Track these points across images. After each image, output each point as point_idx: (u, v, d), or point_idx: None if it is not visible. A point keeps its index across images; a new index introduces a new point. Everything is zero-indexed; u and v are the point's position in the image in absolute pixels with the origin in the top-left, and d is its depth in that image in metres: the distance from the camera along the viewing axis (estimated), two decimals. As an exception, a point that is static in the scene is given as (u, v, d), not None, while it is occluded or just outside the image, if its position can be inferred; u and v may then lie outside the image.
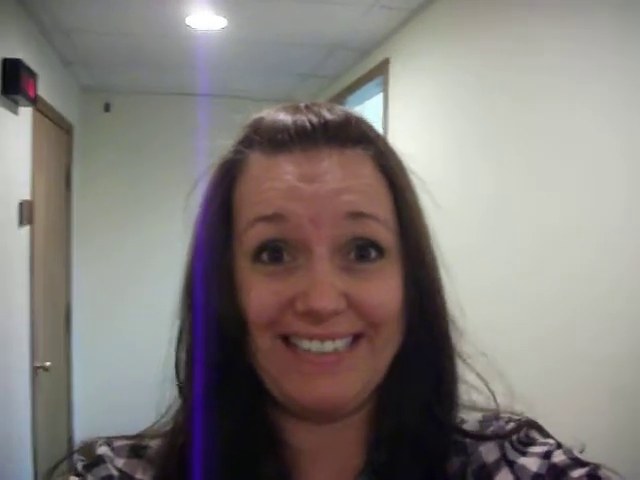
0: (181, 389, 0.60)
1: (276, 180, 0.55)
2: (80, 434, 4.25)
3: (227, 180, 0.58)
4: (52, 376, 3.55)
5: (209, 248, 0.57)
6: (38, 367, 3.26)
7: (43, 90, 3.22)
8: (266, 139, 0.57)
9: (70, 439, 4.17)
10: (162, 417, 0.62)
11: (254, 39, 3.51)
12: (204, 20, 3.19)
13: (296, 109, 0.59)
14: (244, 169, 0.57)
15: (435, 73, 2.93)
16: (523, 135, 2.16)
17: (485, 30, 2.44)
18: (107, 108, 4.69)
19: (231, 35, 3.40)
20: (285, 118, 0.57)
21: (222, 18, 3.17)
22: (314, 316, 0.52)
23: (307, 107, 0.59)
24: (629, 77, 1.66)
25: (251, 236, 0.55)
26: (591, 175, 1.80)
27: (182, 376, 0.60)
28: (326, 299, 0.52)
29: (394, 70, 3.35)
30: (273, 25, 3.29)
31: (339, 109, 0.60)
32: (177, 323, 0.61)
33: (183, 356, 0.60)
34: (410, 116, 3.15)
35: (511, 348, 2.08)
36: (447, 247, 0.63)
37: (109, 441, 0.61)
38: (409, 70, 3.19)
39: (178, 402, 0.61)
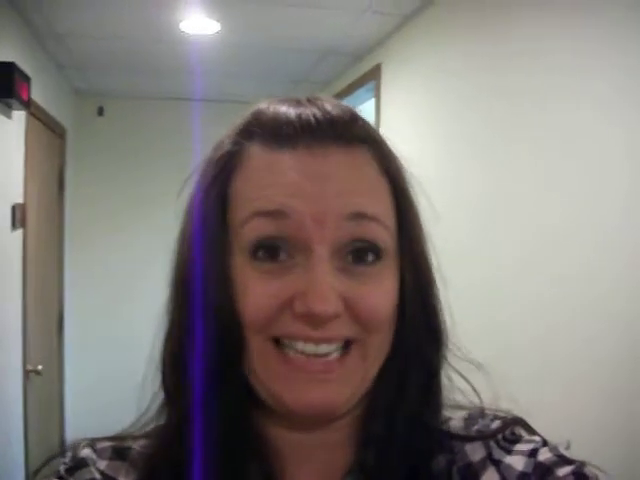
0: (168, 390, 0.58)
1: (278, 176, 0.53)
2: (72, 435, 4.23)
3: (224, 172, 0.56)
4: (44, 379, 3.54)
5: (203, 241, 0.55)
6: (30, 371, 3.25)
7: (36, 94, 3.22)
8: (268, 132, 0.55)
9: (62, 440, 4.15)
10: (142, 416, 0.61)
11: (247, 43, 3.52)
12: (198, 25, 3.20)
13: (298, 102, 0.57)
14: (243, 161, 0.56)
15: (427, 79, 2.94)
16: (519, 137, 2.15)
17: (477, 35, 2.45)
18: (100, 112, 4.67)
19: (224, 39, 3.41)
20: (288, 111, 0.56)
21: (215, 22, 3.18)
22: (314, 319, 0.51)
23: (309, 101, 0.57)
24: (630, 76, 1.65)
25: (248, 231, 0.53)
26: (590, 175, 1.79)
27: (168, 377, 0.58)
28: (326, 302, 0.51)
29: (386, 76, 3.36)
30: (266, 30, 3.30)
31: (344, 105, 0.58)
32: (165, 322, 0.59)
33: (169, 355, 0.58)
34: (402, 121, 3.16)
35: (510, 348, 2.09)
36: (443, 250, 0.63)
37: (92, 443, 0.60)
38: (401, 76, 3.20)
39: (157, 401, 0.59)
